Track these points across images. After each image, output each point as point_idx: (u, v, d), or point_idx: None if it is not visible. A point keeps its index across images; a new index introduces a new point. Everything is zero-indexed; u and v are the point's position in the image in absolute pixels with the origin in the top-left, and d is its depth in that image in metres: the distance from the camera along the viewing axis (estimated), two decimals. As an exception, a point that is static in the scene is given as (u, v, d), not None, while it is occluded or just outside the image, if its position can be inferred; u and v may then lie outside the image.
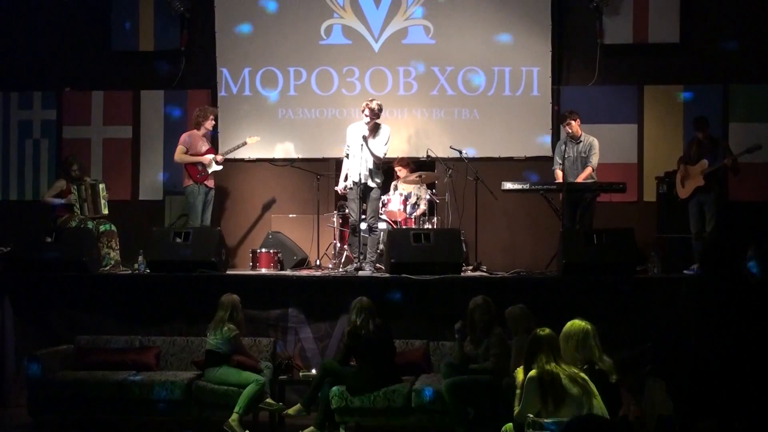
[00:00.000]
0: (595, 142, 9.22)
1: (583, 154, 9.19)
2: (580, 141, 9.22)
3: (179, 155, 9.55)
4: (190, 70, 10.96)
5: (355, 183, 8.70)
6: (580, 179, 9.05)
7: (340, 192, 9.21)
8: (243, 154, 10.17)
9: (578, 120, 9.22)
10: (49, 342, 8.02)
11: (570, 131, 9.20)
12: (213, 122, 9.83)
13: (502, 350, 6.69)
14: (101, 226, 9.40)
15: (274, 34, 10.89)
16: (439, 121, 10.71)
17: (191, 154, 9.53)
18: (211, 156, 9.59)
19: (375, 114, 8.74)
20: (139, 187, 10.98)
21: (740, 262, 6.35)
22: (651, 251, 8.74)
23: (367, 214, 8.90)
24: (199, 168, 9.51)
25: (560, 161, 9.16)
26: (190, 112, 10.60)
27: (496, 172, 10.01)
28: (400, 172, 10.17)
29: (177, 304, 8.15)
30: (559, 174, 9.19)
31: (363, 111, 8.74)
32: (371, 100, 8.77)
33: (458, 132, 10.60)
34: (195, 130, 9.67)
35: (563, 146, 9.24)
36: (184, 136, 9.65)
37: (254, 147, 10.36)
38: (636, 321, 7.64)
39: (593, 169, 9.15)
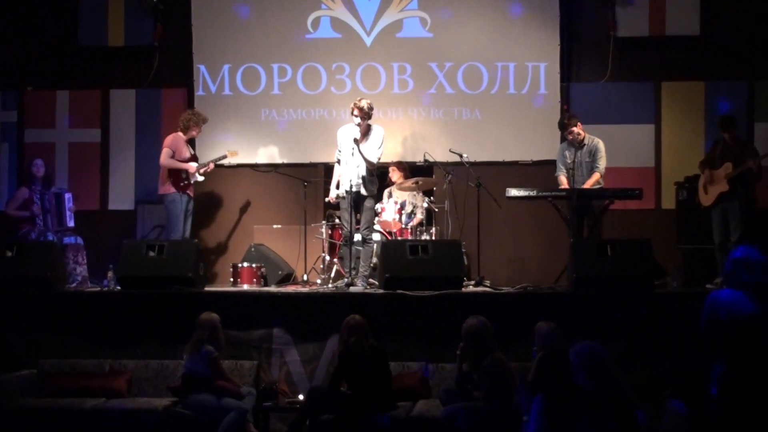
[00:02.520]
0: (601, 145, 9.22)
1: (587, 158, 9.18)
2: (584, 144, 9.23)
3: (167, 159, 9.46)
4: (164, 68, 10.99)
5: (347, 191, 8.72)
6: (587, 186, 9.05)
7: (332, 201, 9.20)
8: (230, 158, 10.14)
9: (579, 124, 9.22)
10: (8, 367, 7.99)
11: (572, 138, 9.20)
12: (200, 131, 9.82)
13: (497, 379, 6.57)
14: (66, 239, 9.40)
15: (257, 27, 10.93)
16: (438, 122, 10.75)
17: (174, 158, 9.51)
18: (195, 164, 9.59)
19: (365, 114, 8.74)
20: (109, 195, 11.00)
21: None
22: (670, 264, 8.77)
23: (361, 225, 8.91)
24: (183, 176, 9.49)
25: (563, 167, 9.22)
26: (164, 112, 10.64)
27: (500, 177, 10.05)
28: (394, 174, 10.19)
29: (150, 325, 8.14)
30: (563, 180, 9.23)
31: (352, 112, 8.76)
32: (360, 99, 8.78)
33: (458, 134, 10.65)
34: (180, 133, 9.63)
35: (565, 151, 9.28)
36: (170, 139, 9.58)
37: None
38: (654, 340, 7.65)
39: (601, 175, 9.16)
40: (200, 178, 9.61)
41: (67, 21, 11.01)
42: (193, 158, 9.65)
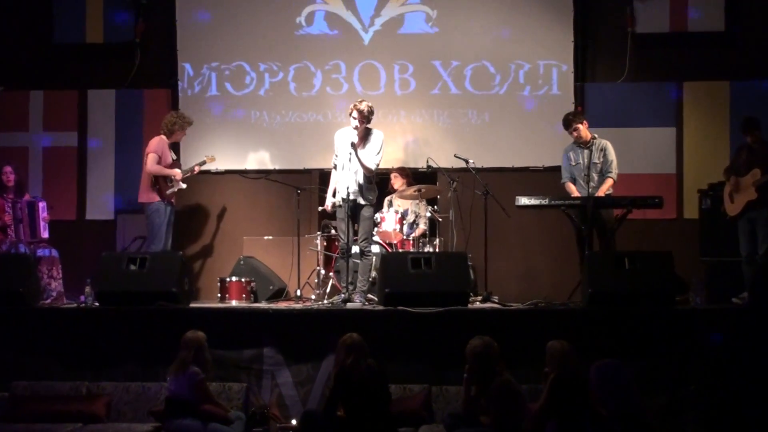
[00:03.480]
0: (609, 146, 9.22)
1: (595, 161, 9.18)
2: (591, 145, 9.25)
3: (154, 165, 9.38)
4: (146, 66, 11.03)
5: (343, 199, 8.73)
6: (600, 194, 9.05)
7: (328, 210, 9.20)
8: (209, 164, 10.20)
9: (585, 123, 9.26)
10: (-22, 389, 8.02)
11: (577, 136, 9.23)
12: (185, 134, 9.80)
13: (505, 403, 6.58)
14: (40, 251, 9.42)
15: (245, 23, 10.98)
16: (442, 126, 10.79)
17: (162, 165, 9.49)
18: (180, 171, 9.60)
19: (365, 117, 8.77)
20: (86, 204, 11.03)
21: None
22: (692, 278, 8.77)
23: (359, 235, 8.93)
24: (169, 182, 9.48)
25: (568, 174, 9.27)
26: (146, 114, 10.68)
27: (509, 184, 10.08)
28: (396, 181, 10.22)
29: (131, 344, 8.14)
30: (572, 187, 9.25)
31: (350, 114, 8.78)
32: (360, 101, 8.82)
33: (464, 138, 10.69)
34: (164, 137, 9.60)
35: (570, 153, 9.29)
36: (155, 143, 9.49)
37: (222, 157, 10.42)
38: (675, 361, 7.66)
39: (614, 181, 9.17)
40: (183, 186, 9.62)
41: (41, 16, 11.05)
42: (176, 164, 9.64)
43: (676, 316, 7.92)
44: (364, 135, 8.84)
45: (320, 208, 9.46)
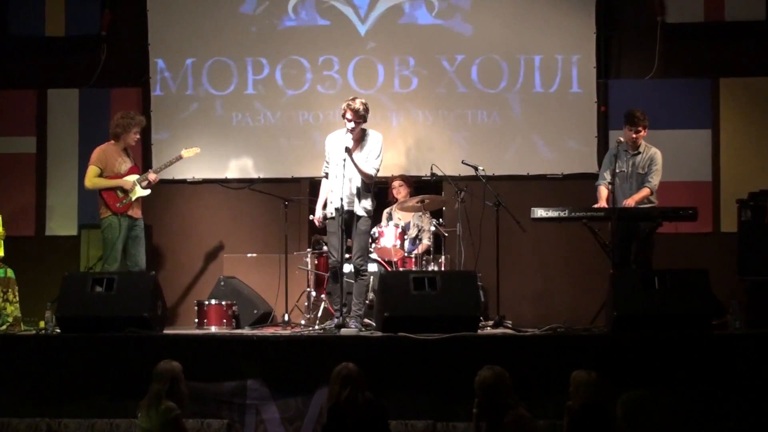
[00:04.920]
0: (658, 156, 9.27)
1: (640, 170, 9.22)
2: (639, 152, 9.30)
3: (91, 179, 9.38)
4: (114, 63, 11.09)
5: (336, 210, 8.72)
6: (632, 201, 9.10)
7: (317, 223, 9.19)
8: (185, 172, 10.25)
9: (647, 128, 9.28)
10: (-75, 428, 8.03)
11: (635, 138, 9.24)
12: (137, 136, 9.66)
13: None
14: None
15: (227, 14, 11.03)
16: (448, 127, 10.84)
17: (107, 176, 9.46)
18: (133, 177, 9.51)
19: (360, 117, 8.71)
20: (46, 218, 11.05)
21: None
22: (731, 299, 8.79)
23: (353, 252, 8.94)
24: (119, 194, 9.43)
25: (608, 178, 9.25)
26: (114, 116, 10.68)
27: (524, 194, 10.13)
28: (398, 192, 10.25)
29: (97, 376, 8.14)
30: (603, 192, 9.28)
31: (344, 114, 8.73)
32: (353, 99, 8.73)
33: (473, 141, 10.74)
34: (112, 143, 9.56)
35: (614, 157, 9.30)
36: (95, 154, 9.46)
37: (200, 164, 10.43)
38: (712, 393, 7.67)
39: (652, 192, 9.21)
40: (143, 193, 9.51)
41: (-6, 6, 11.10)
42: (133, 170, 9.61)
43: (712, 341, 7.91)
44: (360, 138, 8.80)
45: (311, 218, 9.29)
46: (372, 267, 9.44)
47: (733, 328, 8.47)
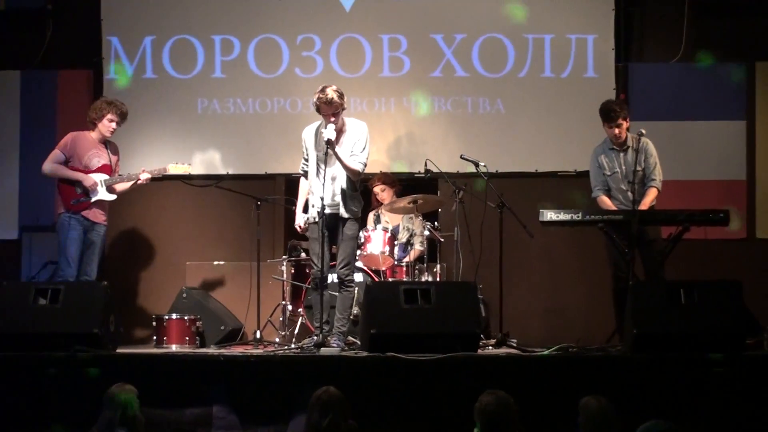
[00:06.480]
0: (650, 146, 9.29)
1: (637, 167, 9.19)
2: (627, 146, 9.33)
3: (50, 163, 9.48)
4: (61, 41, 11.06)
5: (319, 213, 8.68)
6: (644, 207, 9.12)
7: (300, 229, 9.11)
8: (141, 167, 10.20)
9: (628, 119, 9.32)
10: None
11: (617, 133, 9.27)
12: (113, 127, 9.63)
13: None
14: None
15: (192, -16, 11.04)
16: (445, 117, 10.87)
17: (73, 168, 9.50)
18: (100, 177, 9.54)
19: (337, 107, 8.63)
20: (-18, 219, 11.04)
21: None
22: (769, 315, 8.85)
23: (338, 260, 8.92)
24: (77, 190, 9.47)
25: (600, 184, 9.33)
26: (61, 103, 10.72)
27: (532, 194, 10.17)
28: (382, 195, 10.25)
29: (40, 401, 8.14)
30: (607, 202, 9.34)
31: (317, 109, 8.62)
32: (322, 89, 8.58)
33: (473, 133, 10.77)
34: (89, 132, 9.62)
35: (601, 158, 9.32)
36: (66, 138, 9.56)
37: (160, 157, 10.53)
38: (746, 421, 7.69)
39: (659, 191, 9.26)
40: (106, 197, 9.53)
41: None
42: (105, 168, 9.58)
43: (746, 363, 7.90)
44: (343, 128, 8.79)
45: (299, 221, 9.07)
46: (357, 277, 9.45)
47: (771, 349, 8.51)
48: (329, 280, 8.97)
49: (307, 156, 8.91)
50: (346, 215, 8.77)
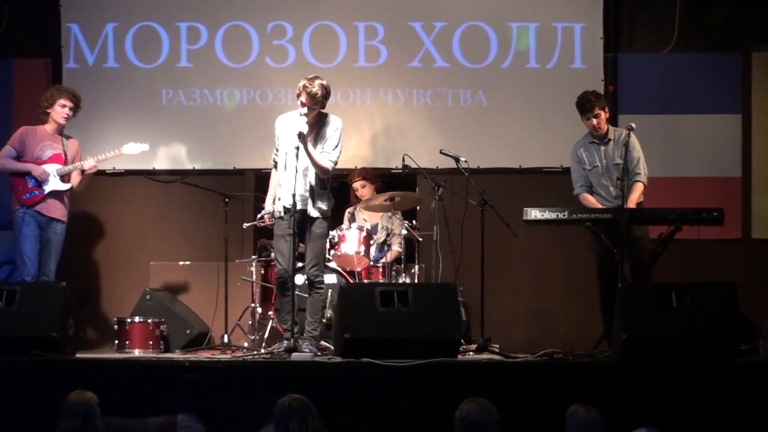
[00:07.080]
0: (633, 138, 9.25)
1: (618, 160, 9.21)
2: (608, 140, 9.35)
3: None
4: (17, 28, 11.04)
5: (286, 209, 8.68)
6: (632, 204, 9.11)
7: (266, 221, 9.07)
8: (104, 163, 10.18)
9: (606, 109, 9.34)
10: None
11: (596, 125, 9.29)
12: (67, 112, 9.61)
13: None
14: None
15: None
16: (423, 110, 10.87)
17: (24, 161, 9.47)
18: (53, 167, 9.51)
19: (317, 103, 8.62)
20: (-65, 218, 11.00)
21: None
22: (764, 319, 8.83)
23: (307, 260, 8.91)
24: (29, 183, 9.45)
25: (583, 182, 9.36)
26: (17, 93, 10.69)
27: (516, 192, 10.18)
28: (362, 191, 10.24)
29: (-6, 409, 8.13)
30: (591, 200, 9.37)
31: (298, 96, 8.68)
32: (311, 79, 8.60)
33: (454, 127, 10.78)
34: (44, 126, 9.62)
35: (581, 153, 9.32)
36: (18, 131, 9.60)
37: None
38: (740, 430, 7.70)
39: (645, 186, 9.28)
40: (59, 186, 9.49)
41: None
42: (57, 158, 9.53)
43: (740, 370, 7.94)
44: (317, 122, 8.77)
45: (261, 214, 9.11)
46: (330, 278, 9.46)
47: (766, 355, 8.50)
48: (298, 282, 8.94)
49: (278, 146, 8.87)
50: (314, 214, 8.73)
